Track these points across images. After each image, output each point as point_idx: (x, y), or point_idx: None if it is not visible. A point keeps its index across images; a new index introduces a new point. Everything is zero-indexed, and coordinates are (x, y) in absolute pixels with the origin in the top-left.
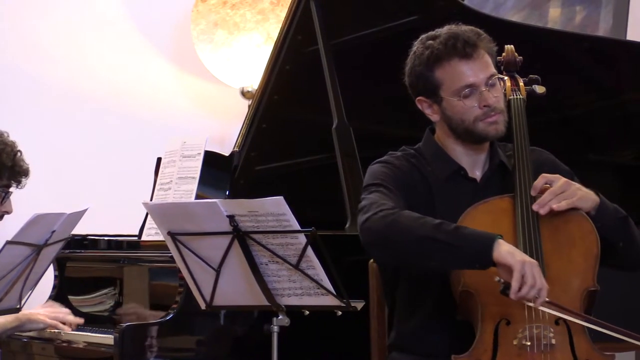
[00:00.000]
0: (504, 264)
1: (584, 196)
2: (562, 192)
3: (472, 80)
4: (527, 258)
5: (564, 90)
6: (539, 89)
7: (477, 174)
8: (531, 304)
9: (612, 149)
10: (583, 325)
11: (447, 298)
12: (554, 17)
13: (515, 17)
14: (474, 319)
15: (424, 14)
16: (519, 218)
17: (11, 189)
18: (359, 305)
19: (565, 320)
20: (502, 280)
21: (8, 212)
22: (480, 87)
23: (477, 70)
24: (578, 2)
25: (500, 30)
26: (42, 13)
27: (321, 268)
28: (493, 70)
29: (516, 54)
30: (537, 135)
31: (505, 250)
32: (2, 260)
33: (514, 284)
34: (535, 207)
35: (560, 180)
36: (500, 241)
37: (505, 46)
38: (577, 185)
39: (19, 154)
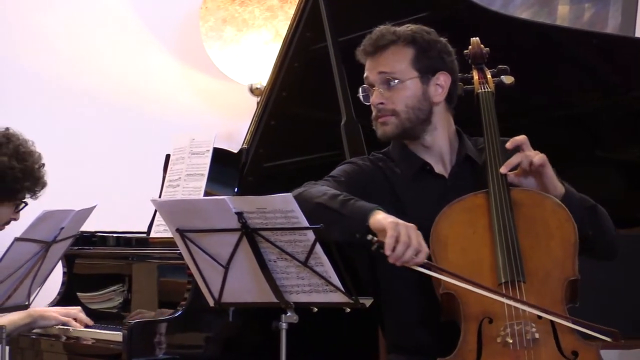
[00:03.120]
0: (379, 227)
1: (553, 177)
2: (533, 152)
3: (366, 75)
4: (402, 222)
5: (572, 87)
6: (507, 80)
7: (444, 169)
8: (414, 267)
9: (619, 147)
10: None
11: (431, 299)
12: (562, 14)
13: (524, 14)
14: (457, 319)
15: (431, 11)
16: (493, 215)
17: (26, 199)
18: (367, 302)
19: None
20: (375, 239)
21: (15, 219)
22: (375, 84)
23: (371, 68)
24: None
25: (509, 27)
26: (49, 9)
27: (330, 265)
28: (393, 68)
29: (482, 45)
30: (544, 131)
31: (380, 216)
32: (11, 257)
33: (387, 241)
34: (502, 168)
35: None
36: (378, 211)
37: (471, 39)
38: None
39: (43, 166)
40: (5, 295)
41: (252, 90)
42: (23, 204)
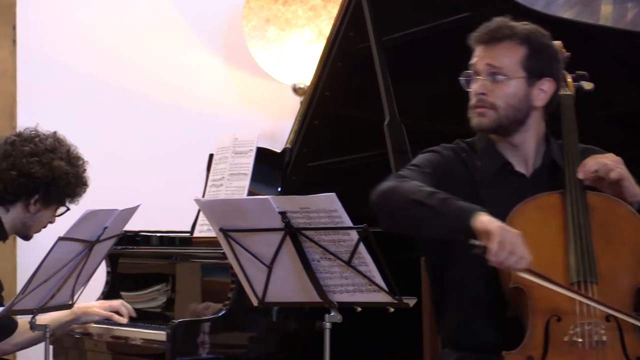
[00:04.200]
0: (484, 230)
1: (632, 186)
2: (612, 164)
3: (473, 62)
4: (508, 227)
5: (616, 87)
6: (587, 85)
7: (526, 169)
8: (514, 271)
9: None
10: (633, 323)
11: (496, 294)
12: (605, 14)
13: (567, 14)
14: (524, 315)
15: (476, 10)
16: (569, 215)
17: (67, 203)
18: (411, 302)
19: (616, 317)
20: (478, 243)
21: (52, 222)
22: (480, 74)
23: (481, 56)
24: None
25: (552, 27)
26: (93, 9)
27: (373, 265)
28: (503, 63)
29: (564, 50)
30: (591, 132)
31: (486, 219)
32: (55, 257)
33: (492, 246)
34: (580, 174)
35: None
36: (482, 213)
37: (553, 42)
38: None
39: (86, 172)
40: (49, 294)
41: (296, 90)
42: (66, 209)
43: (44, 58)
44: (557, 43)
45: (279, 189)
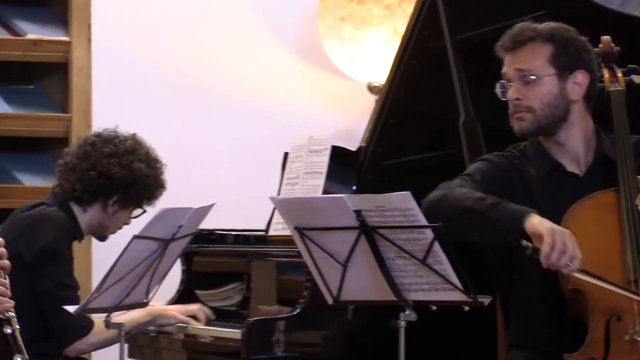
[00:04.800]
0: (535, 232)
1: None
2: None
3: (504, 71)
4: (559, 227)
5: None
6: (637, 79)
7: (578, 168)
8: (568, 273)
9: None
10: None
11: (560, 295)
12: None
13: None
14: (585, 316)
15: (549, 9)
16: (623, 212)
17: (144, 205)
18: (485, 300)
19: None
20: (530, 244)
21: (127, 224)
22: (512, 80)
23: (509, 63)
24: None
25: (627, 27)
26: (169, 8)
27: (448, 263)
28: (530, 65)
29: (613, 44)
30: None
31: (536, 221)
32: (130, 255)
33: (544, 248)
34: (638, 200)
35: None
36: (534, 214)
37: (602, 37)
38: None
39: (164, 174)
40: (124, 293)
41: (371, 89)
42: (142, 211)
43: (119, 57)
44: (606, 38)
45: (354, 188)
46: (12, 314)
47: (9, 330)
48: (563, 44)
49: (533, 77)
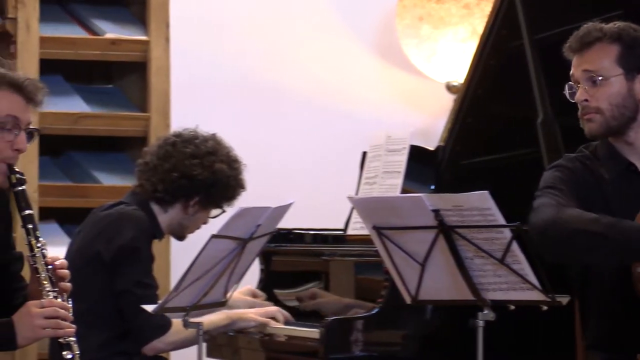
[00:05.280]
0: None
1: None
2: None
3: (571, 72)
4: None
5: None
6: None
7: None
8: None
9: None
10: None
11: (635, 296)
12: None
13: None
14: None
15: (628, 8)
16: None
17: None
18: (564, 300)
19: None
20: None
21: (205, 224)
22: (580, 81)
23: (577, 65)
24: None
25: None
26: (247, 7)
27: (526, 263)
28: (597, 66)
29: None
30: None
31: None
32: (208, 254)
33: None
34: None
35: None
36: None
37: None
38: None
39: (243, 174)
40: (202, 292)
41: (449, 88)
42: (221, 211)
43: (197, 56)
44: None
45: (432, 187)
46: (73, 339)
47: (69, 356)
48: (630, 44)
49: (600, 78)
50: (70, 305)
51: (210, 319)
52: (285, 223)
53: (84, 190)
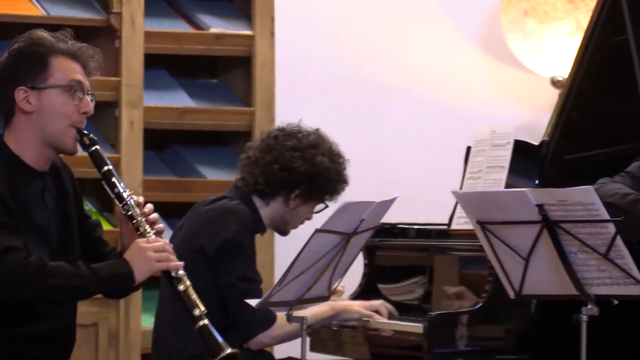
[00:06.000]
0: None
1: None
2: None
3: None
4: None
5: None
6: None
7: None
8: None
9: None
10: None
11: None
12: None
13: None
14: None
15: None
16: None
17: (326, 201)
18: None
19: None
20: None
21: (309, 219)
22: None
23: None
24: None
25: None
26: (352, 2)
27: (630, 257)
28: None
29: None
30: None
31: None
32: (312, 249)
33: None
34: None
35: None
36: None
37: None
38: None
39: (346, 170)
40: (305, 286)
41: (554, 83)
42: (324, 206)
43: (302, 50)
44: None
45: (536, 182)
46: (183, 272)
47: (181, 288)
48: None
49: None
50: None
51: (314, 311)
52: (389, 217)
53: (187, 184)
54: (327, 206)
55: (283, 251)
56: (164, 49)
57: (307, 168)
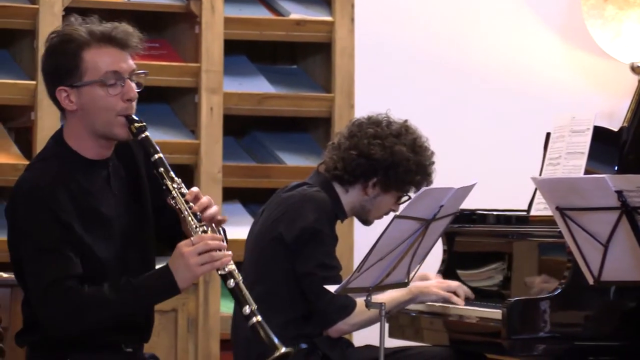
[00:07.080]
0: None
1: None
2: None
3: None
4: None
5: None
6: None
7: None
8: None
9: None
10: None
11: None
12: None
13: None
14: None
15: None
16: None
17: (410, 193)
18: None
19: None
20: None
21: (394, 211)
22: None
23: None
24: None
25: None
26: None
27: None
28: None
29: None
30: None
31: None
32: (391, 235)
33: None
34: None
35: None
36: None
37: None
38: None
39: (433, 164)
40: (384, 272)
41: (634, 69)
42: (407, 197)
43: (381, 36)
44: None
45: (615, 168)
46: (233, 266)
47: (232, 284)
48: None
49: None
50: (223, 235)
51: (392, 295)
52: (469, 204)
53: (267, 170)
54: (409, 198)
55: (362, 237)
56: (244, 34)
57: (384, 156)
